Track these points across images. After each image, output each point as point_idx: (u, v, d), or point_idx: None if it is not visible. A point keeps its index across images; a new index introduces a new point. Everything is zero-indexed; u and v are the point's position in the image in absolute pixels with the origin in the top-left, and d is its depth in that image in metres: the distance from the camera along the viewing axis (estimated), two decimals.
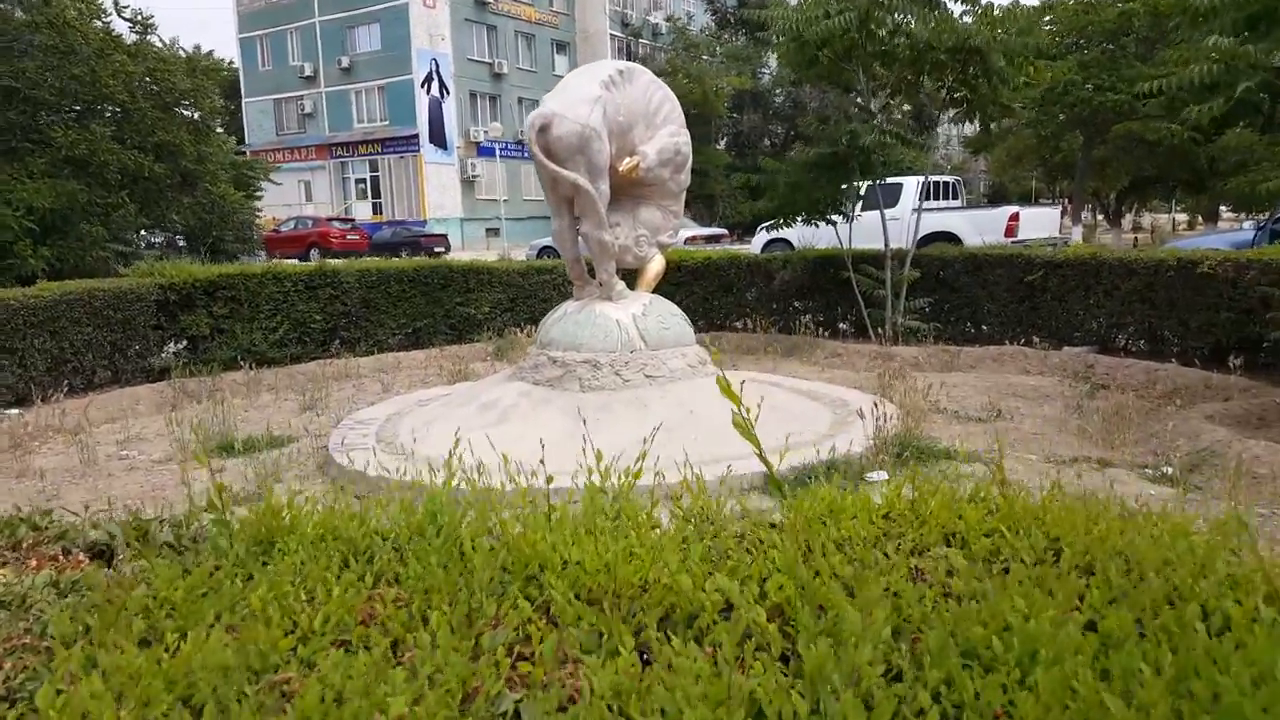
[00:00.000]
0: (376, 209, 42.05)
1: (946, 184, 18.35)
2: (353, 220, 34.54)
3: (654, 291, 7.22)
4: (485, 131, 41.51)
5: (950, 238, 16.20)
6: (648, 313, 6.62)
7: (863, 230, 11.69)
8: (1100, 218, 35.23)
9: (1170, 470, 5.65)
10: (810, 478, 5.39)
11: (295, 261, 16.29)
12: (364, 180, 42.97)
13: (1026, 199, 38.41)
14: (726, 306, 12.05)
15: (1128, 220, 40.19)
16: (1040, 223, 16.54)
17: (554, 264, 12.05)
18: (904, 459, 5.84)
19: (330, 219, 33.81)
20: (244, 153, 45.86)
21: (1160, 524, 2.28)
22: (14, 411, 7.74)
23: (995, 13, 9.34)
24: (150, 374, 9.28)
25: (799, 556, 1.99)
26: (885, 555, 2.12)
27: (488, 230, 40.14)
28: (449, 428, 6.15)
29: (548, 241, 24.77)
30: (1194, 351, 8.66)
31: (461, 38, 41.38)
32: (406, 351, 10.88)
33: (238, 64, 47.50)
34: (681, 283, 12.07)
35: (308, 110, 43.76)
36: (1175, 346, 8.82)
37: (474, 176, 41.08)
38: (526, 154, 29.26)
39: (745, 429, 2.23)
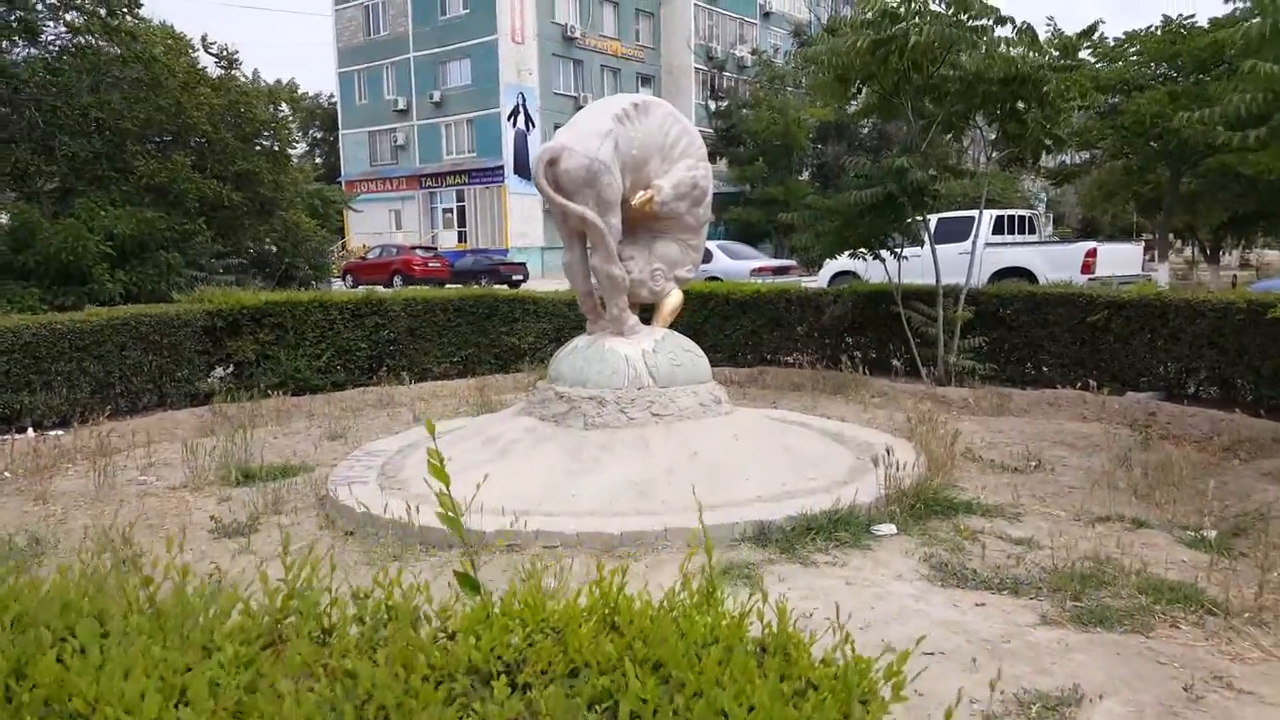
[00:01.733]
0: (462, 237, 43.00)
1: (1022, 218, 17.68)
2: (435, 248, 35.35)
3: (673, 326, 7.03)
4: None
5: (1025, 274, 15.56)
6: (659, 349, 6.44)
7: (928, 263, 11.24)
8: (1199, 254, 33.52)
9: (1209, 534, 5.17)
10: (811, 530, 5.11)
11: (362, 288, 16.70)
12: (451, 210, 44.02)
13: (1126, 234, 36.82)
14: (776, 341, 11.76)
15: (1233, 257, 38.14)
16: (1120, 259, 15.76)
17: None
18: (917, 512, 5.49)
19: (414, 247, 34.64)
20: (339, 183, 47.77)
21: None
22: (56, 433, 8.00)
23: (1042, 39, 8.91)
24: (196, 398, 9.51)
25: None
26: None
27: None
28: (452, 464, 6.06)
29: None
30: (1267, 401, 8.02)
31: (548, 72, 42.18)
32: (450, 380, 10.94)
33: (336, 98, 49.40)
34: (730, 316, 11.87)
35: (400, 142, 45.14)
36: (1248, 395, 8.20)
37: None
38: None
39: None
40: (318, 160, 56.94)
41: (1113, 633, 3.87)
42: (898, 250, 10.52)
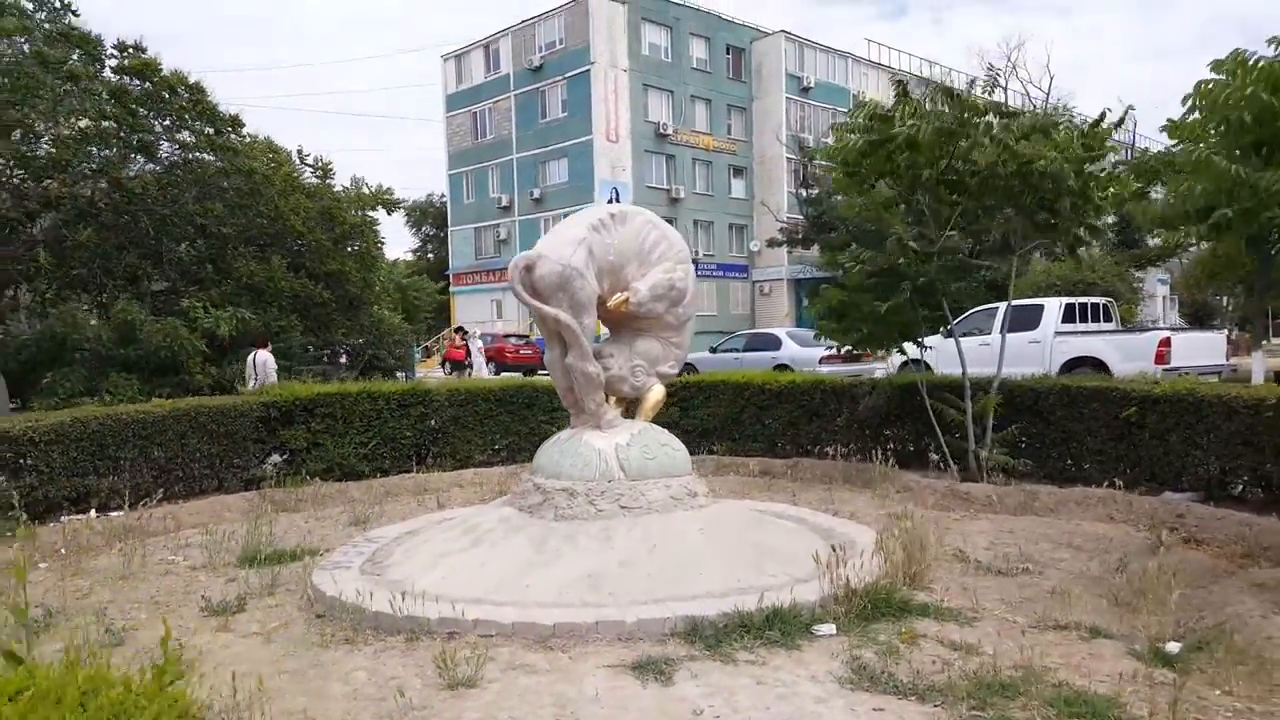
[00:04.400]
0: None
1: (1095, 306, 17.17)
2: (527, 336, 36.56)
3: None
4: None
5: (1096, 364, 15.08)
6: (633, 442, 6.67)
7: (998, 351, 10.99)
8: None
9: (1172, 647, 4.98)
10: (744, 627, 5.19)
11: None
12: None
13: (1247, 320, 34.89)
14: (814, 432, 11.75)
15: None
16: (1199, 349, 15.09)
17: None
18: (865, 613, 5.48)
19: (507, 335, 35.97)
20: (448, 275, 50.08)
21: None
22: (117, 513, 8.76)
23: (1059, 135, 8.91)
24: (250, 483, 10.23)
25: None
26: None
27: None
28: (431, 551, 6.45)
29: (689, 358, 25.14)
30: None
31: (641, 167, 43.69)
32: (490, 467, 11.38)
33: (446, 197, 52.31)
34: (766, 406, 11.97)
35: (503, 237, 47.28)
36: None
37: None
38: (698, 272, 30.00)
39: None
40: (430, 255, 60.09)
41: None
42: (921, 342, 10.48)
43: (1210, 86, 5.31)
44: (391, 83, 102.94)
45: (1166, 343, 14.61)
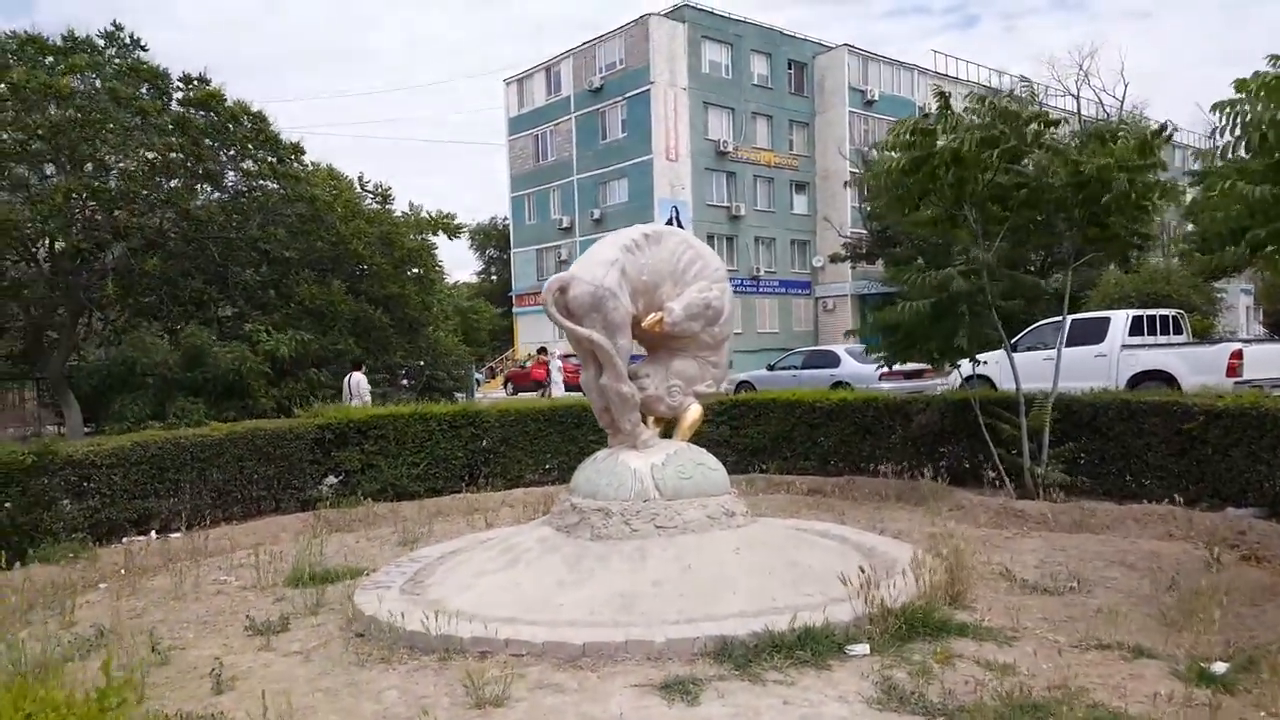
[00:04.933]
0: None
1: (1165, 318, 16.57)
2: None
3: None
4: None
5: (1165, 378, 14.56)
6: (669, 462, 6.67)
7: (1067, 364, 10.75)
8: None
9: (1220, 667, 4.79)
10: (775, 646, 5.15)
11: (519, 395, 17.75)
12: None
13: None
14: (868, 449, 11.57)
15: None
16: (1275, 361, 14.47)
17: None
18: (901, 633, 5.38)
19: (564, 355, 36.25)
20: (511, 297, 50.71)
21: None
22: (176, 534, 9.07)
23: (1116, 145, 8.68)
24: (307, 504, 10.48)
25: None
26: None
27: None
28: (469, 571, 6.54)
29: (746, 375, 25.03)
30: None
31: (701, 185, 43.69)
32: (541, 487, 11.47)
33: (509, 219, 53.07)
34: (817, 424, 11.86)
35: (564, 257, 47.67)
36: None
37: None
38: (759, 288, 30.41)
39: None
40: (493, 277, 60.97)
41: None
42: (975, 357, 10.27)
43: (1233, 107, 5.14)
44: (458, 108, 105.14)
45: (1239, 355, 14.04)
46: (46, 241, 14.73)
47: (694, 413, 7.23)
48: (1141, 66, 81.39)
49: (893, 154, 9.24)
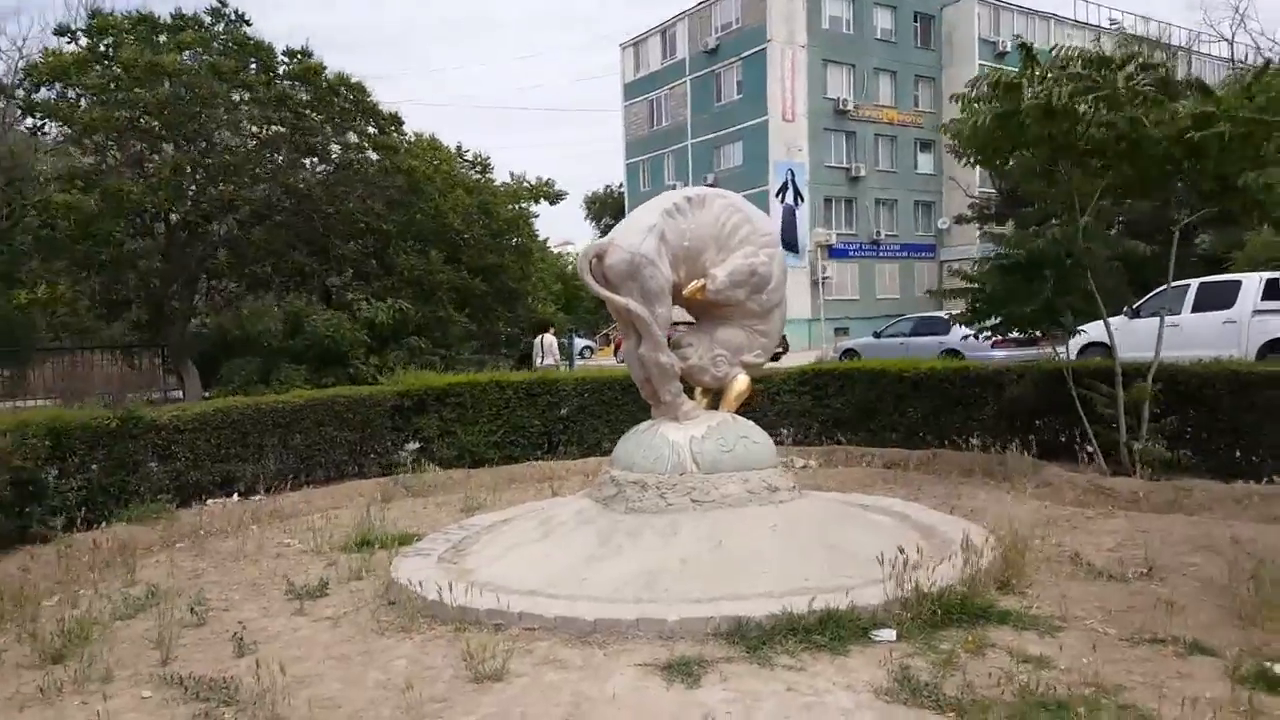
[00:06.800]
0: None
1: None
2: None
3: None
4: (834, 235, 42.02)
5: None
6: (709, 435, 6.44)
7: (1193, 332, 9.90)
8: None
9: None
10: (792, 629, 4.90)
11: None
12: None
13: None
14: (957, 422, 10.94)
15: None
16: None
17: (770, 369, 11.81)
18: (935, 619, 5.03)
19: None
20: None
21: None
22: (257, 497, 9.46)
23: (1223, 94, 7.80)
24: (388, 469, 10.76)
25: None
26: None
27: (836, 330, 40.05)
28: (505, 541, 6.54)
29: (852, 343, 24.28)
30: None
31: (819, 146, 42.44)
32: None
33: (624, 186, 53.11)
34: (903, 396, 11.35)
35: None
36: None
37: (824, 278, 41.41)
38: (880, 253, 29.78)
39: None
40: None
41: None
42: (1069, 326, 9.54)
43: None
44: (576, 75, 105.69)
45: None
46: (160, 214, 15.55)
47: (740, 383, 6.97)
48: None
49: (978, 106, 8.59)
